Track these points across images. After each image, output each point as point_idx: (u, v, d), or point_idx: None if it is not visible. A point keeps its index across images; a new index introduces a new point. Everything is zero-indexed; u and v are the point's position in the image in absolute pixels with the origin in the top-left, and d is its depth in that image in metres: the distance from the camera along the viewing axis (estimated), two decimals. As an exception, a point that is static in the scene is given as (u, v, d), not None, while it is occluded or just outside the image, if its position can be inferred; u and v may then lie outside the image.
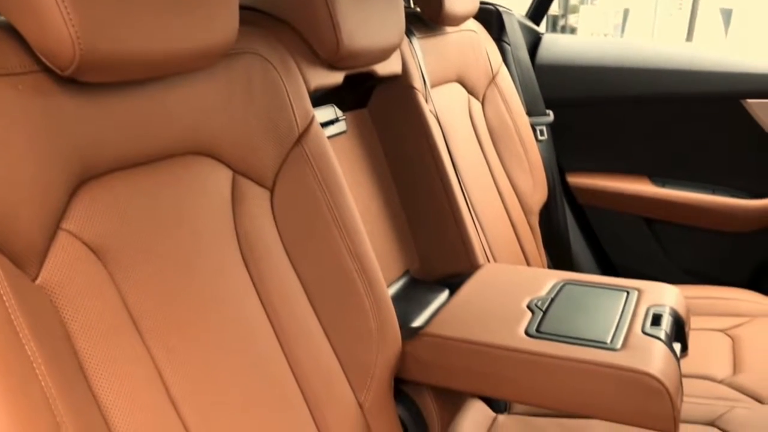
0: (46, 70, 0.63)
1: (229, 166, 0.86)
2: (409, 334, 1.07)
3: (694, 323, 1.50)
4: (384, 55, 1.21)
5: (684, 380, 1.00)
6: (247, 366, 0.78)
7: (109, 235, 0.68)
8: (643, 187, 1.95)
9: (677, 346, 1.03)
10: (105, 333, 0.64)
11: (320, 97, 1.19)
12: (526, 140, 1.82)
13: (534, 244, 1.74)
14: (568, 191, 2.01)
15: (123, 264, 0.68)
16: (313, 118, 0.98)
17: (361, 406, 0.93)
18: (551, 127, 1.95)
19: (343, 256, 0.95)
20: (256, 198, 0.89)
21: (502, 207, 1.68)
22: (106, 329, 0.64)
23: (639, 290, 1.15)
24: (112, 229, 0.68)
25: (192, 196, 0.79)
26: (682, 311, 1.11)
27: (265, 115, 0.90)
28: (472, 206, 1.47)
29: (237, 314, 0.80)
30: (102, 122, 0.69)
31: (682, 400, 0.95)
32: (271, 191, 0.91)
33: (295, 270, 0.91)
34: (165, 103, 0.76)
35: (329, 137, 1.10)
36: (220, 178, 0.84)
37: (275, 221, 0.90)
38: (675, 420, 0.90)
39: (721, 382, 1.35)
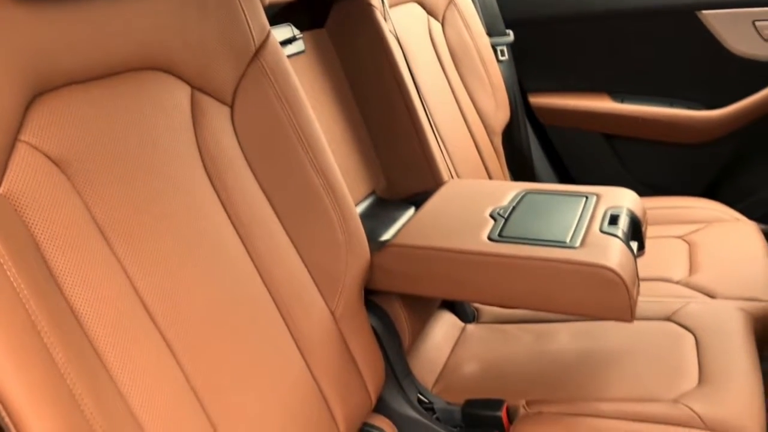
0: (-5, -18, 0.62)
1: (187, 82, 0.85)
2: (376, 247, 1.09)
3: (653, 232, 1.55)
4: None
5: (642, 283, 1.05)
6: (218, 275, 0.80)
7: (71, 148, 0.68)
8: (603, 104, 1.98)
9: (634, 244, 1.07)
10: (73, 241, 0.65)
11: (277, 16, 1.18)
12: (487, 61, 1.82)
13: (498, 165, 1.77)
14: (530, 111, 2.04)
15: (86, 176, 0.69)
16: (269, 33, 0.97)
17: (333, 313, 0.96)
18: (512, 47, 1.96)
19: (307, 170, 0.96)
20: (217, 114, 0.89)
21: (466, 128, 1.69)
22: (73, 238, 0.65)
23: (597, 195, 1.19)
24: (73, 142, 0.68)
25: (151, 110, 0.79)
26: (639, 212, 1.15)
27: (220, 30, 0.89)
28: (436, 126, 1.49)
29: (204, 226, 0.81)
30: (55, 34, 0.68)
31: (638, 292, 0.99)
32: (231, 107, 0.91)
33: (260, 185, 0.92)
34: (119, 16, 0.75)
35: (288, 57, 1.10)
36: (179, 93, 0.84)
37: (237, 137, 0.91)
38: (632, 309, 0.95)
39: (677, 282, 1.42)
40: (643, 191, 1.23)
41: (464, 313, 1.38)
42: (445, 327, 1.33)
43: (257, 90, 0.93)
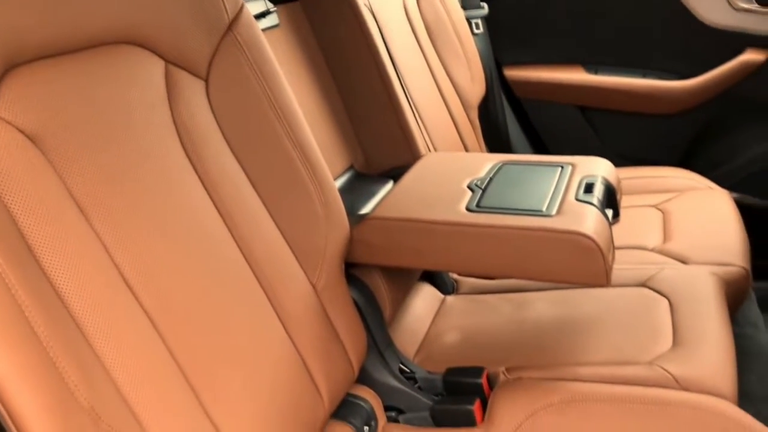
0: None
1: (160, 56, 0.85)
2: (356, 220, 1.10)
3: (628, 201, 1.57)
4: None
5: (618, 251, 1.07)
6: (197, 249, 0.80)
7: (45, 122, 0.67)
8: (577, 76, 1.99)
9: (609, 212, 1.09)
10: (49, 216, 0.64)
11: (250, -10, 1.16)
12: (462, 34, 1.82)
13: (474, 138, 1.78)
14: (506, 84, 2.04)
15: (61, 151, 0.68)
16: (242, 6, 0.96)
17: (314, 287, 0.97)
18: (486, 20, 1.96)
19: (284, 143, 0.96)
20: (191, 88, 0.88)
21: (442, 102, 1.70)
22: (50, 212, 0.64)
23: (572, 164, 1.20)
24: (47, 116, 0.68)
25: (125, 85, 0.78)
26: (613, 181, 1.17)
27: (193, 3, 0.88)
28: (412, 100, 1.49)
29: (182, 200, 0.81)
30: (25, 8, 0.67)
31: (613, 258, 1.01)
32: (206, 81, 0.90)
33: (237, 159, 0.91)
34: (89, -11, 0.74)
35: (262, 31, 1.09)
36: (152, 67, 0.83)
37: (213, 111, 0.90)
38: (607, 274, 0.97)
39: (651, 250, 1.45)
40: (617, 162, 1.25)
41: (444, 284, 1.40)
42: (425, 299, 1.34)
43: (232, 63, 0.92)
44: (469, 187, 1.15)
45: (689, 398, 0.96)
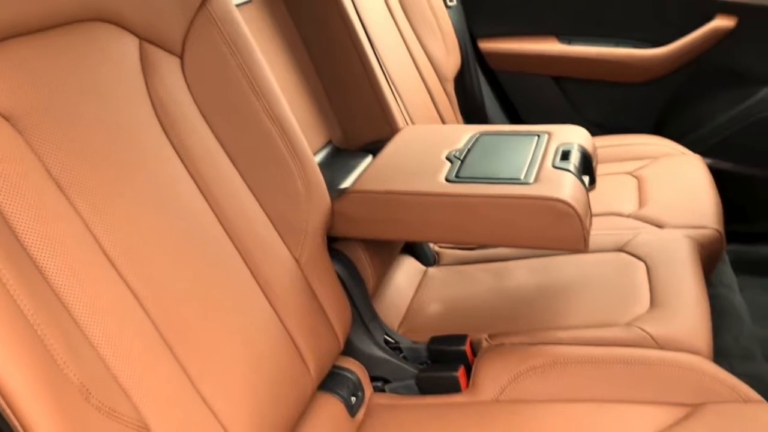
0: None
1: (134, 33, 0.84)
2: (336, 194, 1.11)
3: (603, 169, 1.60)
4: None
5: (595, 218, 1.09)
6: (180, 226, 0.80)
7: (19, 101, 0.67)
8: (551, 47, 2.00)
9: (586, 178, 1.11)
10: (28, 193, 0.64)
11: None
12: (436, 7, 1.82)
13: (451, 110, 1.79)
14: (480, 57, 2.05)
15: (38, 130, 0.68)
16: (215, -19, 0.95)
17: (297, 261, 0.97)
18: (459, -8, 1.96)
19: (262, 118, 0.96)
20: (166, 65, 0.87)
21: (418, 75, 1.70)
22: (29, 190, 0.64)
23: (549, 133, 1.21)
24: (22, 96, 0.67)
25: (100, 62, 0.78)
26: (589, 148, 1.19)
27: (165, -21, 0.88)
28: (388, 74, 1.49)
29: (162, 177, 0.81)
30: (-9, -14, 0.66)
31: (591, 223, 1.03)
32: (181, 58, 0.90)
33: (215, 135, 0.91)
34: (58, -34, 0.73)
35: (236, 6, 1.08)
36: (127, 45, 0.83)
37: (189, 88, 0.90)
38: (585, 239, 0.99)
39: (628, 216, 1.47)
40: (592, 131, 1.27)
41: (425, 257, 1.41)
42: (407, 271, 1.36)
43: (206, 39, 0.92)
44: (447, 159, 1.16)
45: (667, 356, 0.99)
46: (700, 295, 1.16)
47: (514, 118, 2.11)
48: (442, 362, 1.06)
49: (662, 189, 1.55)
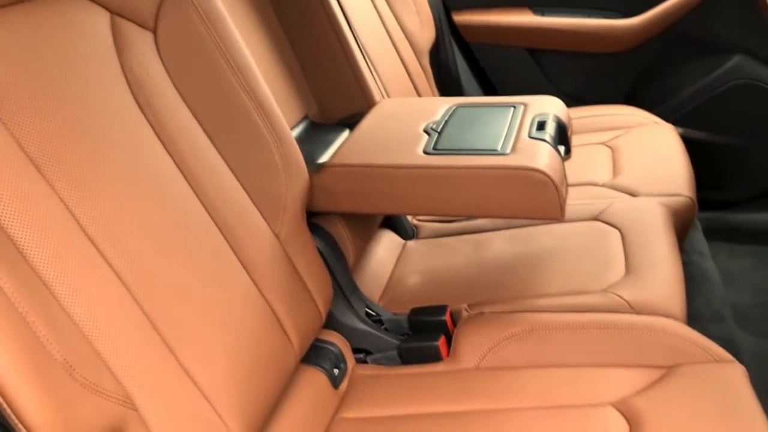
0: None
1: (105, 8, 0.83)
2: (315, 169, 1.10)
3: (578, 140, 1.61)
4: None
5: (570, 188, 1.10)
6: (159, 202, 0.80)
7: (-9, 78, 0.66)
8: (525, 18, 2.00)
9: (561, 148, 1.12)
10: (4, 176, 0.63)
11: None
12: (410, -20, 1.81)
13: (426, 83, 1.79)
14: (455, 29, 2.04)
15: (10, 106, 0.67)
16: (186, -47, 0.94)
17: (277, 236, 0.97)
18: (432, -36, 1.94)
19: (237, 92, 0.95)
20: (140, 40, 0.86)
21: (393, 49, 1.69)
22: (3, 169, 0.63)
23: (524, 104, 1.22)
24: (-7, 72, 0.66)
25: (73, 38, 0.77)
26: (564, 118, 1.20)
27: (134, -49, 0.86)
28: (364, 48, 1.48)
29: (140, 153, 0.80)
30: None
31: (567, 192, 1.05)
32: (154, 32, 0.88)
33: (191, 110, 0.90)
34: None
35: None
36: (98, 19, 0.81)
37: (163, 63, 0.89)
38: (561, 208, 1.00)
39: (602, 185, 1.49)
40: (566, 102, 1.28)
41: (404, 230, 1.42)
42: (387, 245, 1.36)
43: (179, 12, 0.91)
44: (425, 131, 1.16)
45: (642, 320, 1.01)
46: (674, 262, 1.18)
47: (489, 90, 2.11)
48: (423, 332, 1.08)
49: (636, 158, 1.57)
